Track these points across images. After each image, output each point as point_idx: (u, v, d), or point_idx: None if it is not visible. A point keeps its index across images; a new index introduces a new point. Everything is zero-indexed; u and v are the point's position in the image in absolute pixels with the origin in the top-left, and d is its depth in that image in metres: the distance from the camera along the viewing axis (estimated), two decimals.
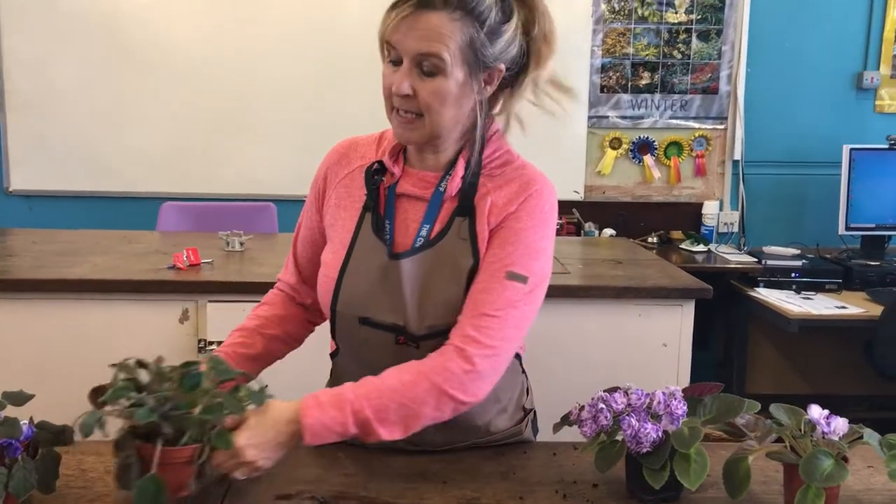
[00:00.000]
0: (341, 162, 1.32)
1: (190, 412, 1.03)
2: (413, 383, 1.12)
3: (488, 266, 1.19)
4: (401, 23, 1.12)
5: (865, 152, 3.33)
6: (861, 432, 1.09)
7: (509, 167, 1.25)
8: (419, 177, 1.26)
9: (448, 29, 1.11)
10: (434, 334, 1.20)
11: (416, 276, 1.21)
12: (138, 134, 3.59)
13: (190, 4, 3.53)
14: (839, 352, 3.46)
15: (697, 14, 3.59)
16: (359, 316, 1.24)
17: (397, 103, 1.17)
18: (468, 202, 1.22)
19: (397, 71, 1.15)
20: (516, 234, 1.20)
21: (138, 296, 2.19)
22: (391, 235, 1.24)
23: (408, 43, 1.13)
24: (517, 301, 1.17)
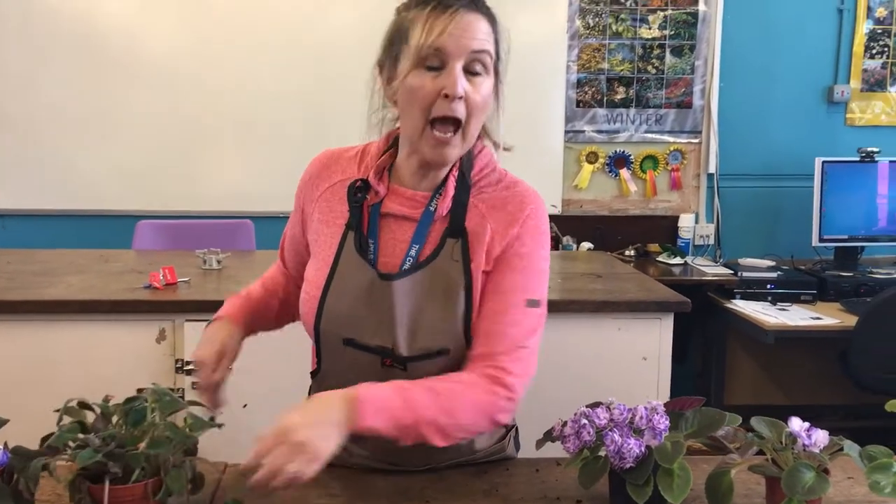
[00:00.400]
0: (322, 174, 1.30)
1: (136, 448, 1.02)
2: (469, 399, 1.13)
3: (508, 296, 1.20)
4: (450, 24, 1.11)
5: (837, 165, 3.38)
6: (841, 444, 1.10)
7: (500, 184, 1.26)
8: (408, 196, 1.24)
9: (488, 31, 1.16)
10: (424, 356, 1.19)
11: (408, 298, 1.19)
12: (114, 151, 3.56)
13: (167, 20, 3.51)
14: (815, 362, 3.50)
15: (670, 30, 3.64)
16: (343, 337, 1.22)
17: (441, 111, 1.13)
18: (459, 223, 1.21)
19: (439, 75, 1.13)
20: (524, 260, 1.21)
21: (114, 316, 2.17)
22: (375, 255, 1.22)
23: (464, 42, 1.12)
24: (537, 326, 1.21)
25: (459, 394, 1.13)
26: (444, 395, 1.12)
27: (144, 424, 1.06)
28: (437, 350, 1.19)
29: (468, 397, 1.13)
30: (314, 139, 3.47)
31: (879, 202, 3.41)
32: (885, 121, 3.71)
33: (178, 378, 2.18)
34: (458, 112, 1.13)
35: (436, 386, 1.13)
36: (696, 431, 1.15)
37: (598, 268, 2.72)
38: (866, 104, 3.70)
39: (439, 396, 1.11)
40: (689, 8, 3.62)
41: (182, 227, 3.25)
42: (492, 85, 1.18)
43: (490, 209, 1.23)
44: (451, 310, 1.19)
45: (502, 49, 1.20)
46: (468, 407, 1.13)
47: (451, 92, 1.11)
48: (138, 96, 3.53)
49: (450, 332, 1.19)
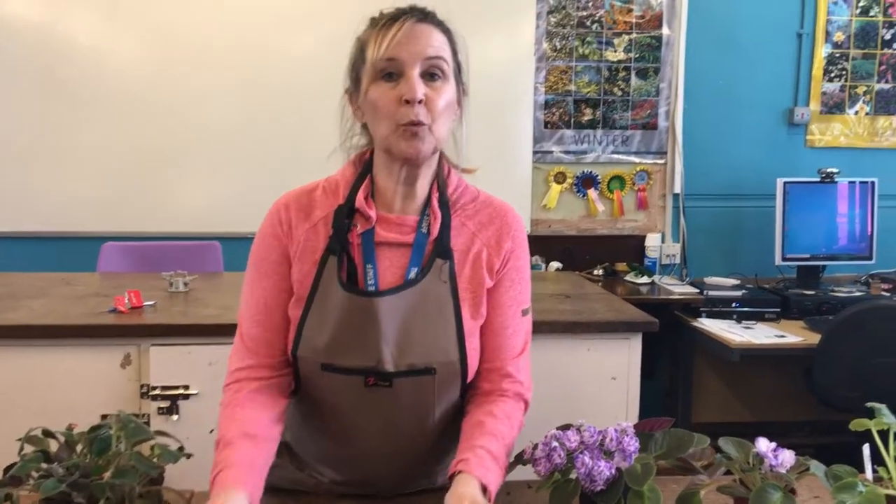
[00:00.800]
0: (299, 216, 1.24)
1: (100, 477, 1.00)
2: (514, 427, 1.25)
3: (507, 309, 1.28)
4: (404, 35, 1.16)
5: (798, 185, 3.45)
6: (807, 464, 1.11)
7: (478, 201, 1.30)
8: (396, 222, 1.24)
9: (442, 39, 1.20)
10: (411, 372, 1.20)
11: (395, 315, 1.19)
12: (77, 172, 3.51)
13: (131, 42, 3.49)
14: (780, 379, 3.55)
15: (635, 53, 3.69)
16: (321, 363, 1.21)
17: (404, 117, 1.15)
18: (446, 244, 1.24)
19: (397, 84, 1.16)
20: (518, 272, 1.29)
21: (78, 341, 2.12)
22: (375, 280, 1.21)
23: (416, 49, 1.16)
24: (529, 330, 1.32)
25: (511, 428, 1.24)
26: (507, 441, 1.22)
27: (109, 453, 1.04)
28: (423, 367, 1.20)
29: (515, 427, 1.25)
30: (282, 159, 3.49)
31: (839, 221, 3.48)
32: (843, 142, 3.79)
33: (143, 404, 2.14)
34: (421, 116, 1.15)
35: (504, 435, 1.21)
36: (666, 453, 1.16)
37: (567, 288, 2.74)
38: (825, 126, 3.78)
39: (506, 445, 1.21)
40: (653, 32, 3.68)
41: (148, 248, 3.21)
42: (453, 91, 1.20)
43: (479, 227, 1.27)
44: (439, 330, 1.21)
45: (461, 59, 1.23)
46: (515, 434, 1.25)
47: (410, 96, 1.14)
48: (102, 117, 3.49)
49: (438, 352, 1.21)
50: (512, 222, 1.29)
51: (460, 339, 1.22)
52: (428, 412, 1.25)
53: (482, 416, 1.22)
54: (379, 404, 1.22)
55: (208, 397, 2.13)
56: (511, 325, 1.28)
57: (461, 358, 1.23)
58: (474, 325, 1.25)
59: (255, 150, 3.54)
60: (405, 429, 1.25)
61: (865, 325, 2.72)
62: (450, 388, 1.25)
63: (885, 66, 3.76)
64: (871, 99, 3.78)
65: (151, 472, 1.04)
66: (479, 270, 1.25)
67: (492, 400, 1.26)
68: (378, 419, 1.24)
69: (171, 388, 2.14)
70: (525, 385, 1.30)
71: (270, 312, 1.24)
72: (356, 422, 1.25)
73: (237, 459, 1.11)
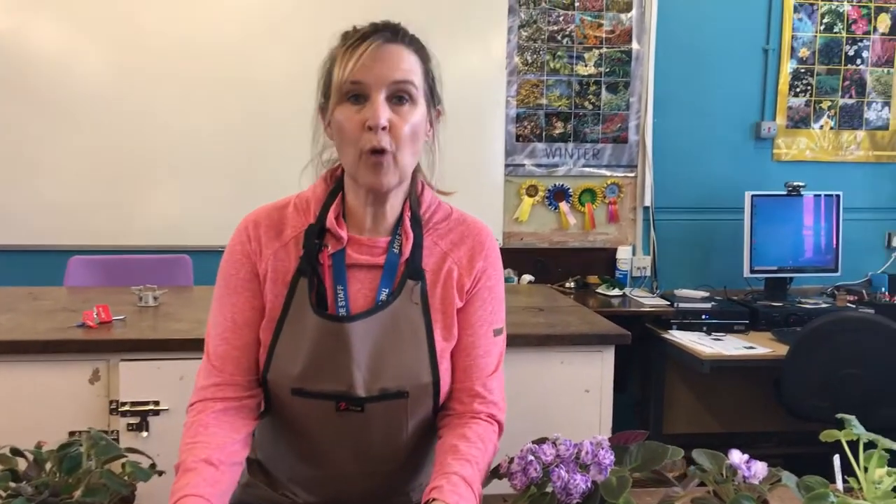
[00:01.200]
0: (269, 234, 1.22)
1: (70, 496, 0.99)
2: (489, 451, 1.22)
3: (478, 329, 1.25)
4: (370, 57, 1.12)
5: (766, 198, 3.50)
6: (779, 475, 1.12)
7: (451, 218, 1.28)
8: (368, 244, 1.22)
9: (412, 61, 1.16)
10: (383, 396, 1.18)
11: (366, 339, 1.17)
12: (42, 183, 3.45)
13: (97, 48, 3.45)
14: (749, 390, 3.59)
15: (606, 67, 3.73)
16: (291, 387, 1.19)
17: (367, 143, 1.12)
18: (418, 265, 1.22)
19: (363, 107, 1.13)
20: (490, 292, 1.26)
21: (45, 356, 2.08)
22: (346, 304, 1.19)
23: (382, 73, 1.12)
24: (502, 351, 1.30)
25: (485, 451, 1.20)
26: (481, 466, 1.18)
27: (80, 471, 1.02)
28: (395, 391, 1.19)
29: (489, 451, 1.22)
30: (252, 171, 3.47)
31: (805, 234, 3.54)
32: (809, 156, 3.86)
33: (112, 420, 2.11)
34: (384, 143, 1.12)
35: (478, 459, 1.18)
36: (641, 465, 1.16)
37: (540, 301, 2.75)
38: (792, 140, 3.85)
39: (480, 470, 1.18)
40: (623, 46, 3.73)
41: (116, 262, 3.17)
42: (423, 115, 1.17)
43: (451, 246, 1.25)
44: (412, 353, 1.19)
45: (434, 78, 1.20)
46: (490, 458, 1.22)
47: (372, 123, 1.11)
48: (69, 127, 3.44)
49: (411, 375, 1.20)
50: (485, 241, 1.27)
51: (433, 360, 1.21)
52: (400, 433, 1.24)
53: (455, 440, 1.19)
54: (350, 428, 1.21)
55: (179, 413, 2.10)
56: (482, 345, 1.25)
57: (434, 380, 1.21)
58: (447, 346, 1.24)
59: (226, 161, 3.52)
60: (377, 450, 1.24)
61: (832, 337, 2.76)
62: (422, 409, 1.24)
63: (848, 82, 3.84)
64: (835, 114, 3.86)
65: (123, 491, 1.02)
66: (450, 290, 1.24)
67: (464, 422, 1.23)
68: (350, 442, 1.23)
69: (140, 403, 2.10)
70: (498, 406, 1.27)
71: (239, 330, 1.21)
72: (328, 445, 1.23)
73: (198, 488, 1.06)
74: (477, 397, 1.24)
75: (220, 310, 1.22)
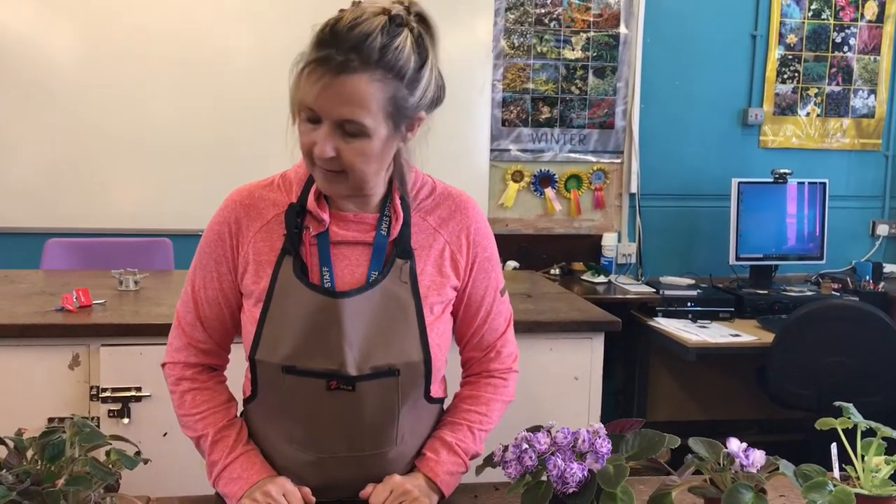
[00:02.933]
0: (251, 214, 1.23)
1: (53, 485, 0.96)
2: (495, 410, 1.33)
3: (486, 297, 1.31)
4: (319, 89, 1.07)
5: (752, 185, 3.50)
6: (777, 464, 1.11)
7: (435, 193, 1.28)
8: (354, 219, 1.22)
9: (369, 91, 1.07)
10: (375, 375, 1.19)
11: (357, 317, 1.18)
12: (17, 164, 3.37)
13: (74, 27, 3.37)
14: (733, 378, 3.60)
15: (593, 52, 3.71)
16: (282, 365, 1.19)
17: (318, 163, 1.13)
18: (406, 244, 1.22)
19: (316, 129, 1.11)
20: (489, 261, 1.31)
21: (23, 341, 2.04)
22: (332, 283, 1.19)
23: (329, 108, 1.08)
24: (509, 305, 1.38)
25: (490, 413, 1.32)
26: (481, 427, 1.31)
27: (63, 459, 1.00)
28: (386, 369, 1.19)
29: (496, 409, 1.34)
30: (235, 152, 3.41)
31: (790, 222, 3.55)
32: (795, 143, 3.87)
33: (92, 406, 2.07)
34: (332, 167, 1.12)
35: (474, 422, 1.31)
36: (637, 454, 1.15)
37: (527, 287, 2.73)
38: (778, 127, 3.85)
39: (477, 432, 1.30)
40: (610, 31, 3.70)
41: (95, 245, 3.11)
42: (381, 139, 1.12)
43: (440, 222, 1.26)
44: (402, 331, 1.20)
45: (401, 98, 1.11)
46: (498, 415, 1.34)
47: (318, 154, 1.11)
48: (45, 107, 3.36)
49: (401, 353, 1.20)
50: (472, 214, 1.29)
51: (423, 339, 1.21)
52: (392, 415, 1.23)
53: (459, 401, 1.34)
54: (342, 409, 1.20)
55: (161, 399, 2.06)
56: (493, 309, 1.32)
57: (425, 359, 1.21)
58: (437, 323, 1.24)
59: (206, 143, 3.46)
60: (369, 433, 1.23)
61: (817, 325, 2.77)
62: (414, 391, 1.24)
63: (835, 69, 3.84)
64: (822, 101, 3.86)
65: (107, 479, 0.99)
66: (443, 268, 1.25)
67: (478, 381, 1.35)
68: (341, 424, 1.22)
69: (122, 389, 2.07)
70: (513, 357, 1.37)
71: (202, 303, 1.26)
72: (319, 427, 1.22)
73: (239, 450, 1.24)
74: (494, 358, 1.35)
75: (190, 278, 1.28)
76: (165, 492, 1.29)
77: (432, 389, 1.27)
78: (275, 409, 1.25)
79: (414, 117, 1.16)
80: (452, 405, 1.35)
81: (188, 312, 1.27)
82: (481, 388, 1.34)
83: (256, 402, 1.27)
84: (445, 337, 1.28)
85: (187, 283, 1.28)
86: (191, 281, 1.27)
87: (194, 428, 1.26)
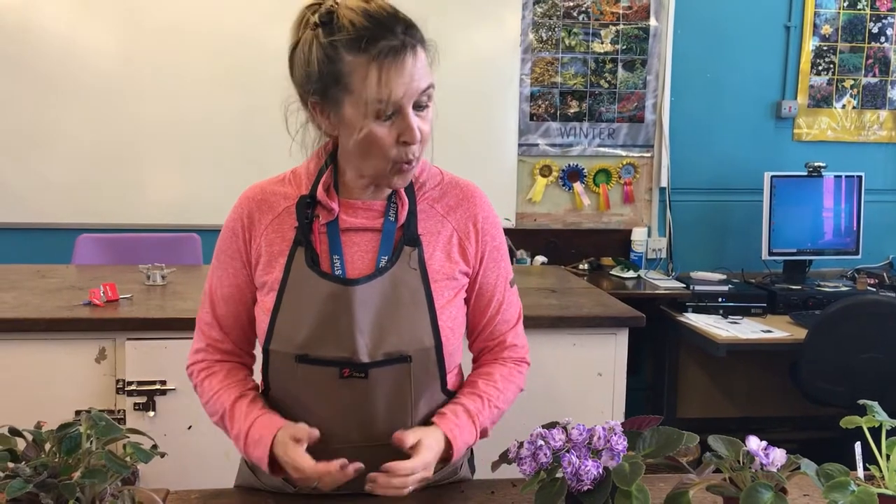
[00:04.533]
0: (262, 208, 1.26)
1: (70, 478, 0.96)
2: (510, 391, 1.33)
3: (496, 287, 1.32)
4: (403, 75, 1.11)
5: (786, 179, 3.43)
6: (798, 462, 1.09)
7: (443, 183, 1.31)
8: (363, 207, 1.24)
9: (426, 60, 1.15)
10: (388, 361, 1.20)
11: (368, 305, 1.19)
12: (52, 161, 3.43)
13: (106, 26, 3.41)
14: (765, 374, 3.54)
15: (622, 44, 3.66)
16: (295, 354, 1.20)
17: (400, 157, 1.15)
18: (413, 231, 1.24)
19: (393, 124, 1.14)
20: (497, 250, 1.32)
21: (52, 334, 2.07)
22: (343, 270, 1.21)
23: (412, 87, 1.12)
24: (518, 297, 1.38)
25: (505, 391, 1.31)
26: (496, 403, 1.30)
27: (79, 452, 1.00)
28: (398, 355, 1.20)
29: (510, 391, 1.33)
30: (262, 150, 3.41)
31: (826, 216, 3.47)
32: (830, 136, 3.78)
33: (118, 399, 2.09)
34: (415, 152, 1.16)
35: (492, 397, 1.29)
36: (654, 451, 1.13)
37: (553, 282, 2.71)
38: (813, 120, 3.77)
39: (492, 408, 1.29)
40: (640, 23, 3.65)
41: (125, 240, 3.15)
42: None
43: (447, 210, 1.28)
44: (413, 317, 1.21)
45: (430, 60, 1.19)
46: (511, 397, 1.34)
47: (411, 139, 1.14)
48: (78, 106, 3.41)
49: (413, 339, 1.21)
50: (479, 203, 1.30)
51: (434, 324, 1.22)
52: (405, 405, 1.24)
53: (476, 377, 1.33)
54: (354, 398, 1.21)
55: (186, 393, 2.08)
56: (504, 299, 1.33)
57: (436, 345, 1.23)
58: (448, 307, 1.25)
59: (236, 139, 3.48)
60: (383, 422, 1.23)
61: (851, 321, 2.71)
62: (427, 379, 1.24)
63: (872, 60, 3.75)
64: (857, 93, 3.77)
65: (123, 472, 1.00)
66: (451, 254, 1.27)
67: (491, 362, 1.35)
68: (353, 414, 1.22)
69: (147, 383, 2.09)
70: (525, 349, 1.38)
71: (218, 302, 1.29)
72: (331, 416, 1.23)
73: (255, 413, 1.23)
74: (506, 348, 1.35)
75: (208, 280, 1.31)
76: (188, 485, 1.30)
77: (448, 381, 1.28)
78: (287, 400, 1.25)
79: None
80: (468, 381, 1.34)
81: (206, 313, 1.31)
82: (496, 369, 1.34)
83: (269, 396, 1.28)
84: (458, 322, 1.28)
85: (205, 286, 1.31)
86: (209, 282, 1.31)
87: (214, 409, 1.27)
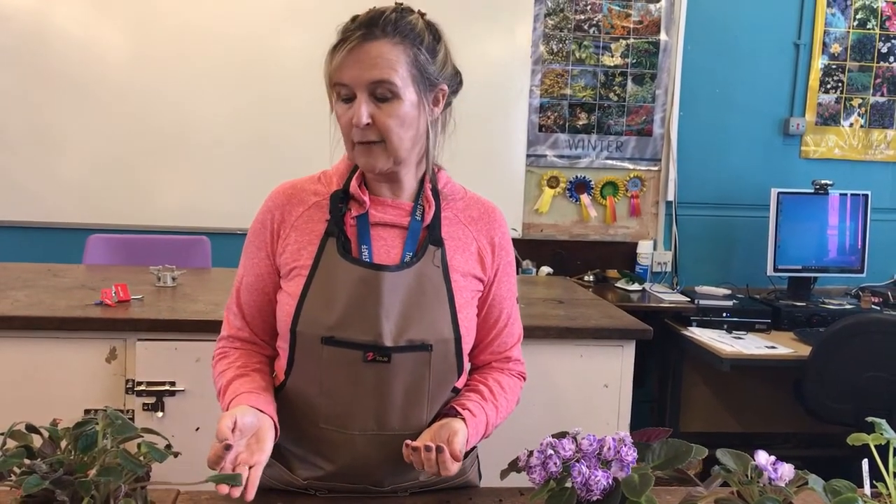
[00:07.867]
0: (292, 202, 1.32)
1: (85, 475, 0.97)
2: (513, 403, 1.39)
3: (505, 302, 1.38)
4: (348, 58, 1.18)
5: (792, 196, 3.44)
6: (806, 478, 1.10)
7: (466, 197, 1.37)
8: (391, 205, 1.30)
9: (393, 53, 1.19)
10: (410, 348, 1.25)
11: (395, 292, 1.24)
12: (64, 160, 3.45)
13: (119, 30, 3.44)
14: (768, 390, 3.54)
15: (632, 58, 3.68)
16: (322, 336, 1.24)
17: (357, 136, 1.21)
18: (438, 233, 1.30)
19: (352, 107, 1.20)
20: (510, 266, 1.39)
21: (63, 333, 2.09)
22: (371, 258, 1.26)
23: (360, 74, 1.18)
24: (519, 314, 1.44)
25: (509, 401, 1.37)
26: (502, 410, 1.35)
27: (95, 450, 1.01)
28: (420, 343, 1.25)
29: (512, 401, 1.39)
30: (275, 154, 3.45)
31: (831, 234, 3.48)
32: (838, 154, 3.80)
33: (128, 399, 2.11)
34: (370, 137, 1.21)
35: (500, 403, 1.34)
36: (663, 463, 1.14)
37: (560, 293, 2.72)
38: (820, 137, 3.78)
39: (499, 413, 1.34)
40: (650, 37, 3.67)
41: (136, 242, 3.17)
42: (413, 103, 1.22)
43: (470, 221, 1.34)
44: (435, 309, 1.26)
45: (423, 63, 1.22)
46: (512, 406, 1.39)
47: (356, 122, 1.20)
48: (91, 107, 3.44)
49: (434, 329, 1.26)
50: (499, 219, 1.38)
51: (454, 319, 1.27)
52: (422, 395, 1.27)
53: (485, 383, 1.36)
54: (376, 381, 1.25)
55: (194, 394, 2.10)
56: (512, 314, 1.40)
57: (456, 338, 1.27)
58: (466, 308, 1.30)
59: (246, 144, 3.51)
60: (399, 411, 1.27)
61: (856, 339, 2.71)
62: (445, 370, 1.28)
63: (880, 79, 3.77)
64: (865, 112, 3.79)
65: (138, 471, 1.01)
66: (471, 261, 1.32)
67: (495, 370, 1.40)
68: (373, 398, 1.26)
69: (156, 383, 2.10)
70: (524, 365, 1.45)
71: (241, 292, 1.34)
72: (352, 400, 1.26)
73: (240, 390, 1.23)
74: (509, 361, 1.41)
75: (240, 265, 1.36)
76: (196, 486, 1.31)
77: (459, 381, 1.33)
78: (309, 383, 1.28)
79: (437, 87, 1.26)
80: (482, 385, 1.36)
81: (232, 304, 1.36)
82: (504, 379, 1.39)
83: (291, 379, 1.29)
84: (473, 324, 1.33)
85: (237, 274, 1.36)
86: (237, 275, 1.36)
87: (217, 389, 1.30)
